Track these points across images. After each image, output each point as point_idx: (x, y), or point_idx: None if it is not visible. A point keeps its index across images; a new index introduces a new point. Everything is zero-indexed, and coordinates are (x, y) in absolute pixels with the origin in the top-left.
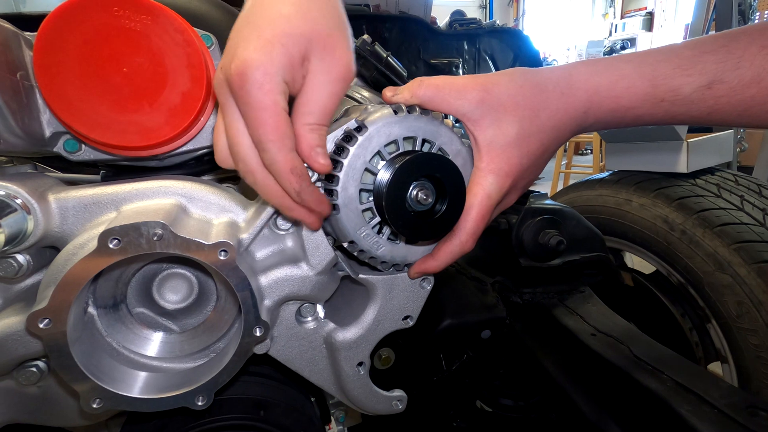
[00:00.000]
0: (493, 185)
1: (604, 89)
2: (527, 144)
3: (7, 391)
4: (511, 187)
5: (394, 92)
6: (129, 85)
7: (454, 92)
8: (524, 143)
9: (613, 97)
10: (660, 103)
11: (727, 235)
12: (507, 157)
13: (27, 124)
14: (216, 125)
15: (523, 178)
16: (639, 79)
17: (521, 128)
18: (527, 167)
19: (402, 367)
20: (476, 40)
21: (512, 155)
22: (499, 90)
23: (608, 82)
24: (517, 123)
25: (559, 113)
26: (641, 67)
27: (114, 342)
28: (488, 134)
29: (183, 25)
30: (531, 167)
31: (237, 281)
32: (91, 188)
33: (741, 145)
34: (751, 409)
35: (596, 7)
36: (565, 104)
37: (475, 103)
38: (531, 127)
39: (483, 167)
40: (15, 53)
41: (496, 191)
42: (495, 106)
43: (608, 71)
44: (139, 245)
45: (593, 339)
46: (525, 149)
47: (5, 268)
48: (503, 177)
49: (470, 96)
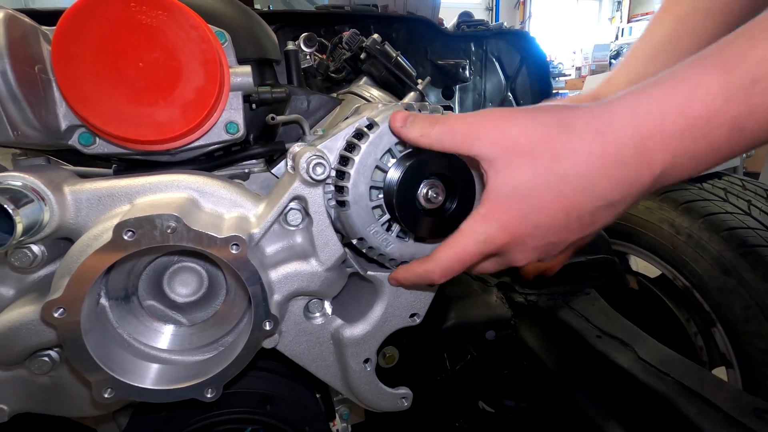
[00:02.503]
0: (482, 234)
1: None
2: (539, 197)
3: (20, 380)
4: (510, 244)
5: (404, 123)
6: (144, 79)
7: (469, 134)
8: (535, 196)
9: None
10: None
11: (734, 239)
12: (506, 209)
13: (44, 117)
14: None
15: (533, 237)
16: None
17: (534, 177)
18: (539, 225)
19: (406, 366)
20: (483, 42)
21: (513, 207)
22: (516, 130)
23: (662, 96)
24: (531, 170)
25: (592, 159)
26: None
27: (125, 333)
28: (497, 179)
29: (198, 21)
30: (548, 227)
31: (248, 275)
32: (105, 181)
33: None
34: (757, 412)
35: (603, 11)
36: (601, 146)
37: (489, 145)
38: (548, 176)
39: (481, 212)
40: (33, 47)
41: (484, 242)
42: (510, 148)
43: (659, 85)
44: (153, 237)
45: (598, 340)
46: (536, 203)
47: (20, 258)
48: (497, 230)
49: (484, 136)
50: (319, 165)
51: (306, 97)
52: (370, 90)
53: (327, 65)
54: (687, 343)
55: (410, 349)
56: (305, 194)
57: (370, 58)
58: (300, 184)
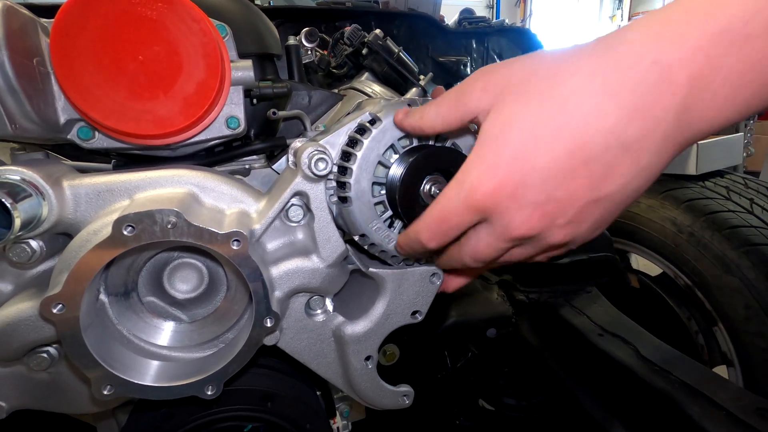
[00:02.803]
0: (466, 183)
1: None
2: (533, 131)
3: (18, 376)
4: (501, 195)
5: (405, 114)
6: (144, 73)
7: (460, 92)
8: (528, 129)
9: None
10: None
11: (736, 237)
12: (494, 148)
13: (42, 110)
14: None
15: (531, 187)
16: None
17: (527, 109)
18: (536, 167)
19: (407, 364)
20: (485, 39)
21: (503, 146)
22: (506, 70)
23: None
24: (523, 102)
25: (597, 81)
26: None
27: (125, 330)
28: (486, 124)
29: (199, 14)
30: (549, 171)
31: (249, 271)
32: (104, 176)
33: (748, 150)
34: (760, 411)
35: (603, 9)
36: (608, 65)
37: (478, 93)
38: (544, 105)
39: (467, 162)
40: (32, 39)
41: (469, 190)
42: (500, 89)
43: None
44: (153, 233)
45: (600, 339)
46: (530, 139)
47: (19, 253)
48: (483, 173)
49: (471, 89)
50: (321, 160)
51: (307, 92)
52: (371, 86)
53: (328, 61)
54: (688, 342)
55: (411, 347)
56: (307, 190)
57: (372, 54)
58: (301, 179)
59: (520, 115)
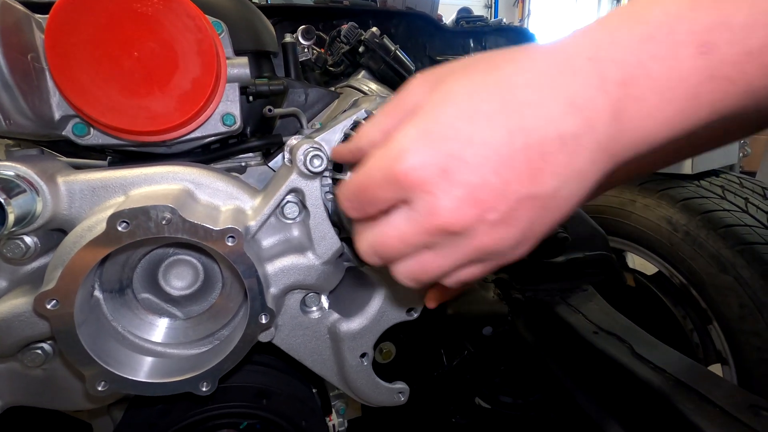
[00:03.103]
0: (391, 149)
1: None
2: (471, 100)
3: (12, 373)
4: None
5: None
6: (140, 69)
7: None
8: (465, 98)
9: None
10: None
11: (731, 236)
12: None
13: (37, 106)
14: None
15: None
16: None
17: (467, 80)
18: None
19: (403, 362)
20: (482, 38)
21: (438, 110)
22: (445, 66)
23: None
24: (461, 77)
25: (537, 67)
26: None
27: (119, 326)
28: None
29: (195, 11)
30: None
31: (244, 268)
32: (99, 172)
33: (744, 150)
34: (753, 408)
35: (602, 10)
36: (547, 56)
37: (414, 89)
38: (485, 79)
39: (399, 129)
40: (27, 35)
41: (392, 158)
42: (439, 76)
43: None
44: (147, 229)
45: (595, 336)
46: (467, 107)
47: (13, 249)
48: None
49: (407, 87)
50: (317, 157)
51: (304, 90)
52: (368, 84)
53: (325, 59)
54: (683, 340)
55: (407, 345)
56: (302, 187)
57: (369, 52)
58: (297, 176)
59: (461, 85)
